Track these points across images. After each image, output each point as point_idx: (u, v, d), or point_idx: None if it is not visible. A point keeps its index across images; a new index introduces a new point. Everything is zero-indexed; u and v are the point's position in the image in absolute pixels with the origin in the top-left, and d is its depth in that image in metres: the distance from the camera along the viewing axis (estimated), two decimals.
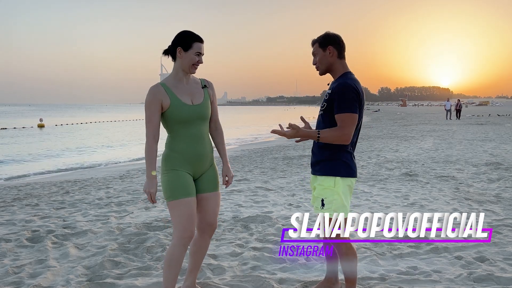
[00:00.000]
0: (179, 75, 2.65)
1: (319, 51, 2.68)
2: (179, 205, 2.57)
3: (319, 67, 2.71)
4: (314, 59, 2.72)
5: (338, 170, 2.60)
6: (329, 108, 2.61)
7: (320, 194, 2.62)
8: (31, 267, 3.53)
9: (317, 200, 2.63)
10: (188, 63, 2.59)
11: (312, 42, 2.73)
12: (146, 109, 2.59)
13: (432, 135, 17.00)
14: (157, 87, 2.60)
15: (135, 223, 4.71)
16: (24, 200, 6.55)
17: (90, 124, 39.85)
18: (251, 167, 9.70)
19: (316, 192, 2.66)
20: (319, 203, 2.62)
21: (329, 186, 2.60)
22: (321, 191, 2.62)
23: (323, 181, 2.62)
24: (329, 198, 2.59)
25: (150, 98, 2.58)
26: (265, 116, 63.75)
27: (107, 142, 21.75)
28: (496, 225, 4.47)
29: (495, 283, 3.08)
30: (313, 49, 2.71)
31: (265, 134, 25.36)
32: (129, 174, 9.64)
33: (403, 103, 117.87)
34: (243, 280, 3.16)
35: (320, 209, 2.61)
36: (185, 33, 2.61)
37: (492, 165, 8.70)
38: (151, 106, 2.58)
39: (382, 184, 6.95)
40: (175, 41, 2.61)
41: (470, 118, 33.07)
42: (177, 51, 2.59)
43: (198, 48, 2.59)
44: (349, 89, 2.54)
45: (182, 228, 2.57)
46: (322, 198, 2.61)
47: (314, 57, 2.72)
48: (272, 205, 5.66)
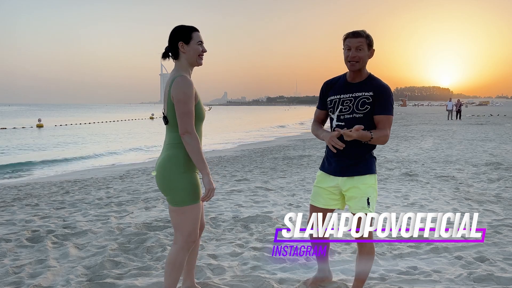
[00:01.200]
0: (189, 71, 2.56)
1: (365, 48, 2.53)
2: (192, 210, 2.52)
3: (358, 64, 2.54)
4: (355, 53, 2.51)
5: (374, 168, 2.66)
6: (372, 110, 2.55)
7: (365, 193, 2.59)
8: (31, 267, 3.53)
9: (362, 200, 2.58)
10: (194, 54, 2.52)
11: (357, 34, 2.52)
12: (187, 101, 2.40)
13: (432, 135, 17.00)
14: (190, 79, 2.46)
15: (135, 223, 4.71)
16: (24, 200, 6.55)
17: (90, 124, 39.84)
18: (251, 167, 9.70)
19: (357, 192, 2.60)
20: (365, 202, 2.58)
21: (372, 184, 2.62)
22: (365, 190, 2.59)
23: (366, 179, 2.61)
24: (372, 196, 2.60)
25: (191, 90, 2.41)
26: (266, 118, 63.61)
27: (107, 142, 21.75)
28: (496, 225, 4.47)
29: (495, 283, 3.09)
30: (358, 41, 2.51)
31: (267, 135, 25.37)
32: (129, 174, 9.64)
33: (403, 103, 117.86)
34: (243, 280, 3.16)
35: (367, 209, 2.58)
36: (180, 27, 2.55)
37: (492, 165, 8.70)
38: (193, 98, 2.42)
39: (382, 184, 6.95)
40: (174, 37, 2.53)
41: (470, 118, 33.06)
42: (179, 46, 2.50)
43: (198, 37, 2.53)
44: (391, 92, 2.58)
45: (190, 233, 2.54)
46: (368, 196, 2.59)
47: (356, 50, 2.51)
48: (272, 205, 5.66)
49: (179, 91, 2.41)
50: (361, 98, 2.55)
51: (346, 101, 2.60)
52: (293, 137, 21.00)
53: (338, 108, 2.63)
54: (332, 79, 2.78)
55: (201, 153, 2.44)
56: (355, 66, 2.55)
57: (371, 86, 2.56)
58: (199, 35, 2.55)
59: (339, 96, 2.64)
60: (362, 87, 2.58)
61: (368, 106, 2.54)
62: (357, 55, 2.52)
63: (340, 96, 2.63)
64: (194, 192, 2.50)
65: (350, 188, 2.62)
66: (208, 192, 2.44)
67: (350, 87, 2.62)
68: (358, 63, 2.54)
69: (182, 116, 2.40)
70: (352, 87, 2.60)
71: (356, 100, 2.57)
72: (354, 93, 2.58)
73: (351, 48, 2.52)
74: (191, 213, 2.51)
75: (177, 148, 2.49)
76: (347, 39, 2.54)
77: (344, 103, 2.61)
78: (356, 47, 2.51)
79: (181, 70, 2.52)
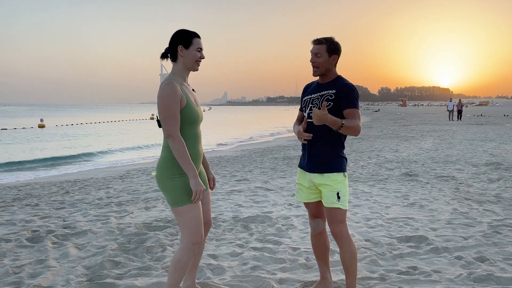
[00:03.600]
0: (184, 75, 2.62)
1: (324, 55, 2.71)
2: (193, 210, 2.53)
3: (319, 69, 2.73)
4: (315, 58, 2.72)
5: (344, 166, 2.77)
6: (335, 106, 2.69)
7: (335, 188, 2.71)
8: (31, 267, 3.53)
9: (332, 195, 2.71)
10: (192, 60, 2.57)
11: (317, 41, 2.73)
12: (170, 105, 2.43)
13: (432, 135, 17.00)
14: (175, 84, 2.49)
15: (135, 223, 4.71)
16: (24, 200, 6.55)
17: (91, 124, 39.84)
18: (251, 167, 9.70)
19: (327, 188, 2.72)
20: (335, 197, 2.70)
21: (342, 180, 2.73)
22: (335, 186, 2.71)
23: (335, 176, 2.72)
24: (342, 191, 2.72)
25: (173, 94, 2.45)
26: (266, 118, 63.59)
27: (107, 142, 21.75)
28: (496, 225, 4.47)
29: (495, 283, 3.08)
30: (316, 48, 2.71)
31: None
32: (129, 174, 9.64)
33: (403, 103, 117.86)
34: (243, 280, 3.16)
35: (337, 202, 2.70)
36: (182, 31, 2.60)
37: (492, 165, 8.70)
38: (176, 102, 2.45)
39: (382, 184, 6.95)
40: (174, 40, 2.58)
41: (470, 118, 33.04)
42: (178, 49, 2.56)
43: (198, 44, 2.58)
44: (355, 89, 2.72)
45: (193, 233, 2.54)
46: (338, 191, 2.71)
47: (315, 56, 2.71)
48: (272, 205, 5.66)
49: (161, 96, 2.48)
50: (325, 95, 2.73)
51: (314, 99, 2.80)
52: (293, 137, 20.99)
53: (309, 106, 2.82)
54: (309, 83, 2.99)
55: (185, 156, 2.46)
56: (315, 72, 2.75)
57: (335, 85, 2.73)
58: (199, 41, 2.60)
59: (310, 96, 2.85)
60: (328, 86, 2.76)
61: (331, 102, 2.70)
62: (316, 61, 2.72)
63: (310, 96, 2.84)
64: (188, 192, 2.52)
65: (321, 184, 2.76)
66: (195, 194, 2.48)
67: (320, 87, 2.81)
68: (318, 68, 2.73)
69: (164, 120, 2.47)
70: (322, 87, 2.79)
71: (321, 98, 2.75)
72: (321, 92, 2.77)
73: (311, 54, 2.74)
74: (189, 213, 2.53)
75: (169, 150, 2.53)
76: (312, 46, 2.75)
77: (313, 101, 2.80)
78: (315, 53, 2.71)
79: (175, 74, 2.59)
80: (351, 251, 2.75)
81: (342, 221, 2.73)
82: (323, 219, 2.95)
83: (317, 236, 2.97)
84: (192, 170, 2.47)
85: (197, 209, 2.56)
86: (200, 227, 2.57)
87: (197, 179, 2.48)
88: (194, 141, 2.62)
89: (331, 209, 2.72)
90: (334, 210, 2.71)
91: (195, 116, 2.59)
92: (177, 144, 2.45)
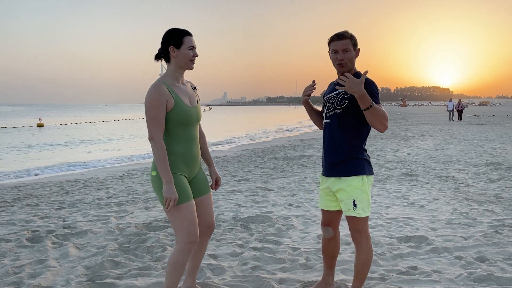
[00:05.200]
0: (176, 75, 2.59)
1: (351, 49, 2.57)
2: (183, 210, 2.51)
3: (347, 65, 2.57)
4: (342, 55, 2.55)
5: (363, 169, 2.60)
6: (352, 105, 2.55)
7: (351, 195, 2.58)
8: (31, 267, 3.53)
9: (348, 202, 2.59)
10: (185, 59, 2.54)
11: (341, 36, 2.56)
12: (152, 108, 2.45)
13: (432, 135, 17.00)
14: (162, 86, 2.49)
15: (135, 223, 4.71)
16: (24, 200, 6.55)
17: (90, 124, 39.84)
18: (251, 167, 9.70)
19: (343, 194, 2.60)
20: (351, 204, 2.58)
21: (359, 185, 2.58)
22: (351, 192, 2.58)
23: (352, 181, 2.58)
24: (359, 198, 2.58)
25: (157, 97, 2.46)
26: (266, 118, 63.57)
27: (107, 142, 21.75)
28: (496, 225, 4.47)
29: (495, 283, 3.08)
30: (342, 44, 2.54)
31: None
32: (129, 174, 9.63)
33: (403, 103, 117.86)
34: (243, 280, 3.16)
35: (353, 211, 2.58)
36: (172, 30, 2.55)
37: (492, 165, 8.70)
38: (160, 105, 2.46)
39: (382, 184, 6.95)
40: (165, 41, 2.54)
41: (471, 118, 33.02)
42: (170, 50, 2.52)
43: (190, 42, 2.54)
44: (374, 84, 2.58)
45: (187, 233, 2.53)
46: (354, 198, 2.57)
47: (343, 52, 2.55)
48: (272, 205, 5.66)
49: (146, 98, 2.50)
50: (341, 93, 2.61)
51: (331, 98, 2.68)
52: (293, 137, 20.99)
53: (326, 106, 2.71)
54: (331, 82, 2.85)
55: (163, 160, 2.46)
56: (344, 68, 2.58)
57: None
58: (191, 39, 2.55)
59: (328, 95, 2.73)
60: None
61: (346, 101, 2.57)
62: (345, 57, 2.56)
63: (328, 96, 2.72)
64: (180, 192, 2.50)
65: (338, 190, 2.63)
66: (166, 200, 2.45)
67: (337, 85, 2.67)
68: (346, 64, 2.57)
69: (148, 122, 2.50)
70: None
71: (338, 97, 2.63)
72: (338, 90, 2.64)
73: (338, 50, 2.56)
74: (180, 213, 2.51)
75: None
76: (332, 42, 2.59)
77: (330, 100, 2.68)
78: (342, 49, 2.55)
79: (167, 75, 2.58)
80: (365, 259, 2.67)
81: (361, 230, 2.61)
82: (334, 228, 2.84)
83: (327, 240, 2.89)
84: (166, 175, 2.46)
85: (189, 209, 2.54)
86: (195, 226, 2.55)
87: (171, 185, 2.45)
88: (189, 143, 2.60)
89: (348, 217, 2.62)
90: (351, 218, 2.60)
91: (187, 117, 2.56)
92: (156, 147, 2.47)
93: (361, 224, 2.61)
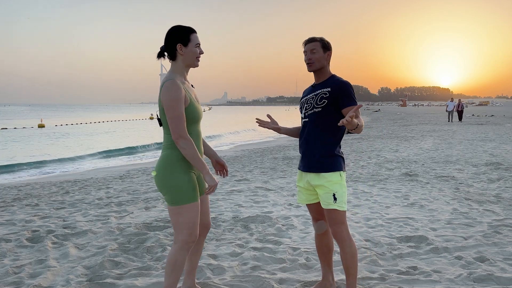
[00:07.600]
0: (184, 72, 2.57)
1: (319, 50, 2.75)
2: (190, 209, 2.51)
3: (314, 64, 2.76)
4: (310, 55, 2.76)
5: (340, 165, 2.75)
6: (331, 104, 2.70)
7: (331, 190, 2.69)
8: (31, 267, 3.53)
9: (327, 196, 2.69)
10: (192, 57, 2.54)
11: (311, 39, 2.78)
12: (176, 105, 2.39)
13: (432, 135, 16.99)
14: (179, 82, 2.45)
15: (135, 223, 4.71)
16: (24, 200, 6.55)
17: (91, 124, 39.84)
18: (251, 167, 9.70)
19: (323, 189, 2.71)
20: (331, 198, 2.69)
21: (337, 180, 2.71)
22: (331, 186, 2.69)
23: (331, 176, 2.70)
24: (339, 192, 2.70)
25: (179, 93, 2.41)
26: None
27: (107, 142, 21.75)
28: (496, 225, 4.47)
29: (495, 283, 3.08)
30: (310, 45, 2.76)
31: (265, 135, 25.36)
32: (129, 174, 9.64)
33: (403, 103, 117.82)
34: (243, 280, 3.16)
35: (334, 204, 2.69)
36: (179, 28, 2.53)
37: (492, 165, 8.70)
38: (181, 101, 2.41)
39: (382, 184, 6.95)
40: (172, 39, 2.51)
41: (470, 118, 33.01)
42: (178, 48, 2.51)
43: (196, 39, 2.54)
44: (350, 85, 2.73)
45: (188, 233, 2.53)
46: (334, 192, 2.69)
47: (310, 53, 2.76)
48: (272, 205, 5.66)
49: (167, 96, 2.42)
50: (320, 94, 2.75)
51: (309, 99, 2.82)
52: (293, 137, 20.99)
53: (304, 106, 2.85)
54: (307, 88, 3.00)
55: (197, 156, 2.45)
56: (311, 67, 2.77)
57: (330, 84, 2.75)
58: (197, 36, 2.56)
59: (306, 97, 2.88)
60: (323, 85, 2.78)
61: (325, 100, 2.71)
62: (312, 57, 2.75)
63: (306, 97, 2.87)
64: (189, 191, 2.50)
65: (317, 186, 2.75)
66: (211, 188, 2.50)
67: (314, 87, 2.84)
68: (314, 64, 2.76)
69: (172, 121, 2.42)
70: (316, 87, 2.82)
71: (316, 97, 2.77)
72: (316, 91, 2.79)
73: (307, 51, 2.77)
74: (188, 212, 2.51)
75: (171, 148, 2.51)
76: (304, 46, 2.79)
77: (308, 101, 2.82)
78: (310, 50, 2.76)
79: (175, 72, 2.54)
80: (351, 252, 2.75)
81: (341, 222, 2.72)
82: (326, 220, 2.92)
83: (320, 237, 2.97)
84: (204, 167, 2.47)
85: (196, 208, 2.55)
86: (197, 227, 2.56)
87: (211, 175, 2.49)
88: (197, 140, 2.61)
89: (328, 210, 2.71)
90: (331, 211, 2.71)
91: (198, 114, 2.57)
92: (188, 145, 2.43)
93: (342, 217, 2.72)
